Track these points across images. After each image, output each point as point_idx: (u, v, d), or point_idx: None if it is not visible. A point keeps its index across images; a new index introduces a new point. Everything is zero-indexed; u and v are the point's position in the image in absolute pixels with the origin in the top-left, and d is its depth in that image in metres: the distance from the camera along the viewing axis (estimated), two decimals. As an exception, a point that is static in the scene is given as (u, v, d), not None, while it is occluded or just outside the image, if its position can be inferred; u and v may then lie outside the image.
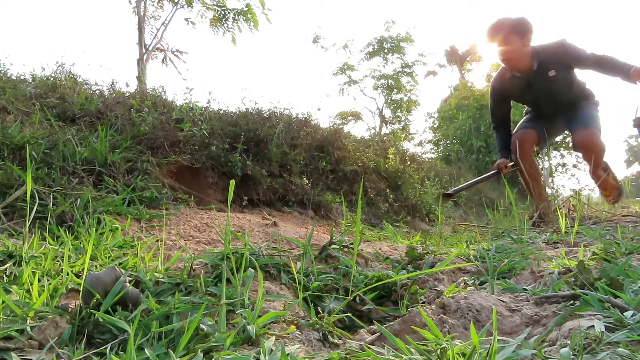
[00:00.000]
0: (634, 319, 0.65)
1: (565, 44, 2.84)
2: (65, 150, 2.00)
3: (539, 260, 1.15)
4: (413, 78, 9.85)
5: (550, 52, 2.83)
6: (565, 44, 2.84)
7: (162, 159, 2.43)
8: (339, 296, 1.03)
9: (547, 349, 0.62)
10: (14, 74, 3.28)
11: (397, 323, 0.79)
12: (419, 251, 1.34)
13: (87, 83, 3.47)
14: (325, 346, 0.75)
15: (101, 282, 0.80)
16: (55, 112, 2.57)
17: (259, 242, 1.74)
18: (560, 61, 2.79)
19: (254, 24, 6.06)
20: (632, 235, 1.42)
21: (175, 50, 6.36)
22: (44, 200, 1.61)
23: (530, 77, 2.85)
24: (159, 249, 1.37)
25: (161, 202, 2.08)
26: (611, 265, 0.98)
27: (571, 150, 11.31)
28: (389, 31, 9.74)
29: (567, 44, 2.83)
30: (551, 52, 2.83)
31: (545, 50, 2.84)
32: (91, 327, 0.74)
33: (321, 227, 2.73)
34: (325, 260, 1.31)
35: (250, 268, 1.01)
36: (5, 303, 0.76)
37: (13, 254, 1.04)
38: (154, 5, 6.20)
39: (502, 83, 3.04)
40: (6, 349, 0.66)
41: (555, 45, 2.87)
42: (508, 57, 2.86)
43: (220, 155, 2.75)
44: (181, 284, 0.96)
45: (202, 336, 0.71)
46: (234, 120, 3.18)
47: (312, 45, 10.15)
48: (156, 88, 3.51)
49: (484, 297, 0.83)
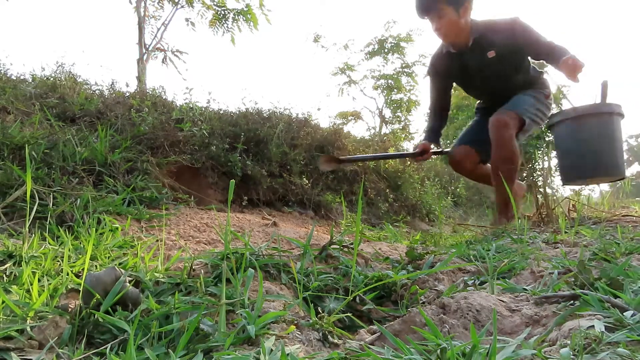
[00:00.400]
0: (634, 319, 0.65)
1: (517, 22, 2.40)
2: (65, 150, 2.00)
3: (539, 260, 1.15)
4: (413, 78, 9.84)
5: (495, 29, 2.41)
6: (516, 22, 2.40)
7: (162, 159, 2.43)
8: (339, 296, 1.03)
9: (547, 349, 0.62)
10: (14, 74, 3.29)
11: (397, 323, 0.79)
12: (419, 251, 1.35)
13: (87, 83, 3.47)
14: (325, 346, 0.75)
15: (101, 282, 0.80)
16: (55, 112, 2.57)
17: (259, 242, 1.74)
18: (505, 41, 2.36)
19: (253, 24, 6.06)
20: (632, 235, 1.42)
21: (175, 50, 6.36)
22: (44, 200, 1.61)
23: (465, 56, 2.45)
24: (159, 249, 1.37)
25: (161, 202, 2.08)
26: (611, 265, 0.98)
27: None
28: (389, 31, 9.74)
29: (519, 23, 2.39)
30: (496, 30, 2.41)
31: (489, 27, 2.43)
32: (91, 327, 0.74)
33: (321, 227, 2.73)
34: (325, 260, 1.31)
35: (250, 268, 1.01)
36: (5, 303, 0.76)
37: (13, 254, 1.04)
38: (154, 5, 6.20)
39: (437, 59, 2.62)
40: (6, 349, 0.66)
41: (504, 23, 2.43)
42: (441, 31, 2.43)
43: (220, 155, 2.75)
44: (181, 284, 0.96)
45: (202, 336, 0.71)
46: (234, 120, 3.18)
47: (313, 44, 10.15)
48: (156, 88, 3.51)
49: (484, 297, 0.83)
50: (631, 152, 21.82)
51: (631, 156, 21.69)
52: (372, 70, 9.96)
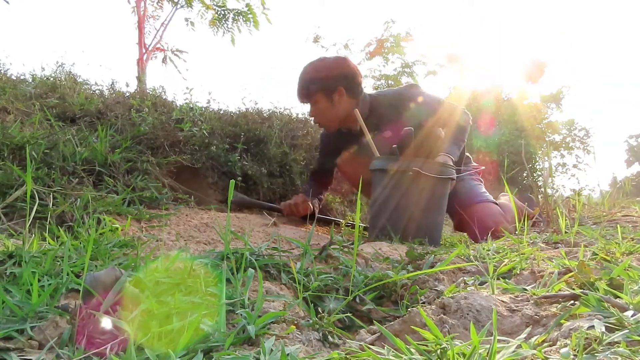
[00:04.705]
0: (634, 319, 0.65)
1: (403, 92, 2.13)
2: (65, 150, 2.00)
3: (539, 260, 1.14)
4: (413, 78, 9.84)
5: (384, 104, 2.13)
6: (402, 92, 2.14)
7: (162, 159, 2.43)
8: (339, 296, 1.03)
9: (547, 349, 0.62)
10: (14, 73, 3.29)
11: (397, 323, 0.79)
12: (419, 251, 1.34)
13: (87, 83, 3.47)
14: (325, 346, 0.75)
15: (101, 282, 0.80)
16: (55, 112, 2.57)
17: (259, 242, 1.74)
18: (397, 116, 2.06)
19: (254, 24, 6.06)
20: (632, 235, 1.42)
21: (175, 50, 6.36)
22: (44, 200, 1.61)
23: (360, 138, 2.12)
24: (159, 249, 1.37)
25: (161, 202, 2.08)
26: (611, 265, 0.98)
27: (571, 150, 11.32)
28: (389, 31, 9.74)
29: (405, 92, 2.12)
30: (386, 105, 2.13)
31: (380, 102, 2.15)
32: (91, 327, 0.74)
33: (321, 227, 2.73)
34: (325, 261, 1.31)
35: (250, 268, 1.01)
36: (5, 303, 0.76)
37: (13, 254, 1.04)
38: (154, 5, 6.21)
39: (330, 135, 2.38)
40: (6, 349, 0.65)
41: (392, 94, 2.18)
42: (318, 121, 2.24)
43: (220, 155, 2.75)
44: (181, 284, 0.96)
45: (202, 336, 0.71)
46: (234, 120, 3.18)
47: (313, 44, 10.15)
48: (156, 88, 3.50)
49: (484, 297, 0.83)
50: (631, 152, 21.80)
51: (631, 156, 21.67)
52: (372, 70, 9.97)
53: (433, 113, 2.07)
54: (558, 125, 11.23)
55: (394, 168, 1.85)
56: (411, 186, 1.83)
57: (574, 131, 11.46)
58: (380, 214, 1.88)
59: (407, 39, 9.63)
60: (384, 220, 1.85)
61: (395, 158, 1.87)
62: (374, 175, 1.94)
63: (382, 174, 1.89)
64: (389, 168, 1.86)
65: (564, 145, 10.87)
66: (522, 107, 10.09)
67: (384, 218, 1.86)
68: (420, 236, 1.76)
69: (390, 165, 1.86)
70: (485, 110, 9.41)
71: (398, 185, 1.84)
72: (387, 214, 1.86)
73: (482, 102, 9.49)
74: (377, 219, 1.90)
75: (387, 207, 1.86)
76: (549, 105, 11.39)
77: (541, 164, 7.60)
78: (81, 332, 0.71)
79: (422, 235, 1.78)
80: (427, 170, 1.83)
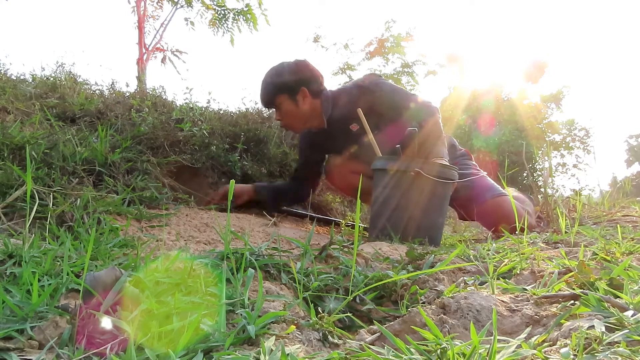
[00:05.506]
0: (634, 318, 0.65)
1: (364, 85, 2.15)
2: (65, 150, 2.00)
3: (539, 260, 1.14)
4: (413, 78, 9.85)
5: (345, 99, 2.19)
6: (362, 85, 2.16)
7: (162, 159, 2.43)
8: (339, 296, 1.03)
9: (547, 349, 0.62)
10: (14, 73, 3.29)
11: (397, 323, 0.79)
12: (419, 251, 1.34)
13: (87, 83, 3.47)
14: (325, 346, 0.75)
15: (101, 282, 0.80)
16: (55, 112, 2.57)
17: (259, 242, 1.74)
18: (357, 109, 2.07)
19: (253, 24, 6.06)
20: (632, 235, 1.42)
21: (175, 50, 6.37)
22: (44, 200, 1.61)
23: (330, 133, 2.24)
24: (159, 249, 1.37)
25: (161, 202, 2.08)
26: (611, 265, 0.98)
27: (571, 150, 11.33)
28: (389, 30, 9.75)
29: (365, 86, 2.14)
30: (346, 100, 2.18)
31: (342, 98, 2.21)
32: (91, 327, 0.74)
33: (321, 227, 2.73)
34: (325, 261, 1.31)
35: (250, 268, 1.01)
36: (5, 303, 0.76)
37: (13, 254, 1.04)
38: (154, 5, 6.21)
39: (307, 135, 2.44)
40: (6, 349, 0.65)
41: (350, 88, 2.23)
42: (284, 124, 2.32)
43: (220, 155, 2.75)
44: (181, 284, 0.96)
45: (202, 336, 0.71)
46: (234, 120, 3.18)
47: (313, 44, 10.15)
48: (156, 88, 3.50)
49: (484, 297, 0.83)
50: (631, 152, 21.80)
51: (631, 156, 21.68)
52: (372, 70, 9.97)
53: (393, 104, 2.11)
54: (558, 125, 11.25)
55: (394, 168, 1.85)
56: (412, 186, 1.83)
57: (574, 131, 11.48)
58: (380, 214, 1.88)
59: (408, 38, 9.63)
60: (384, 220, 1.85)
61: (397, 158, 1.88)
62: (375, 174, 1.94)
63: (383, 174, 1.90)
64: (389, 168, 1.86)
65: (564, 145, 10.88)
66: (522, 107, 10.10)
67: (384, 218, 1.86)
68: (420, 236, 1.76)
69: (390, 165, 1.86)
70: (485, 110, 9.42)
71: (398, 185, 1.84)
72: (388, 214, 1.86)
73: (482, 102, 9.50)
74: (378, 218, 1.90)
75: (387, 206, 1.86)
76: (549, 105, 11.40)
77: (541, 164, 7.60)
78: (81, 332, 0.71)
79: (422, 235, 1.78)
80: (428, 171, 1.83)
